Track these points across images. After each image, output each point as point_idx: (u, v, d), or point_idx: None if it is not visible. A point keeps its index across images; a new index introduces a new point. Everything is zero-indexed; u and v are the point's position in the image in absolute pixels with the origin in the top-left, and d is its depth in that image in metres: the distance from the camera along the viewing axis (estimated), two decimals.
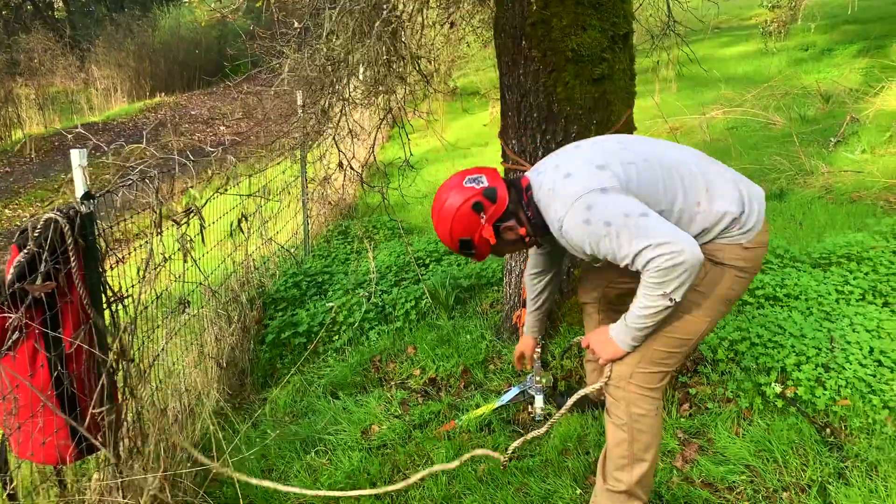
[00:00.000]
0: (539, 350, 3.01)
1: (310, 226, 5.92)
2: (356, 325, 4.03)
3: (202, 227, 2.41)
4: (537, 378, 3.08)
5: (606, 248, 2.01)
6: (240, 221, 3.01)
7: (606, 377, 2.24)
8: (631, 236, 1.95)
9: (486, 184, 2.20)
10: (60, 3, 23.59)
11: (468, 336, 3.71)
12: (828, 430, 2.76)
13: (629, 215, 1.97)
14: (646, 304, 2.03)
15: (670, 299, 1.98)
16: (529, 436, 2.50)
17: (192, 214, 2.42)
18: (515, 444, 2.49)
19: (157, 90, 18.09)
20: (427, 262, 5.03)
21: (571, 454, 2.80)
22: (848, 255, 3.98)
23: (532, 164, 3.28)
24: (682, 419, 2.94)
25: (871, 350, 3.06)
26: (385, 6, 2.78)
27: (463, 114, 12.87)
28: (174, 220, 2.38)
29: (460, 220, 2.19)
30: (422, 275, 4.81)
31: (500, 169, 3.67)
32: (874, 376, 2.92)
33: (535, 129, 3.30)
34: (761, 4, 13.28)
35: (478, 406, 3.14)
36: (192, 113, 15.86)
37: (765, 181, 6.19)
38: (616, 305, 2.62)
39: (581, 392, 2.37)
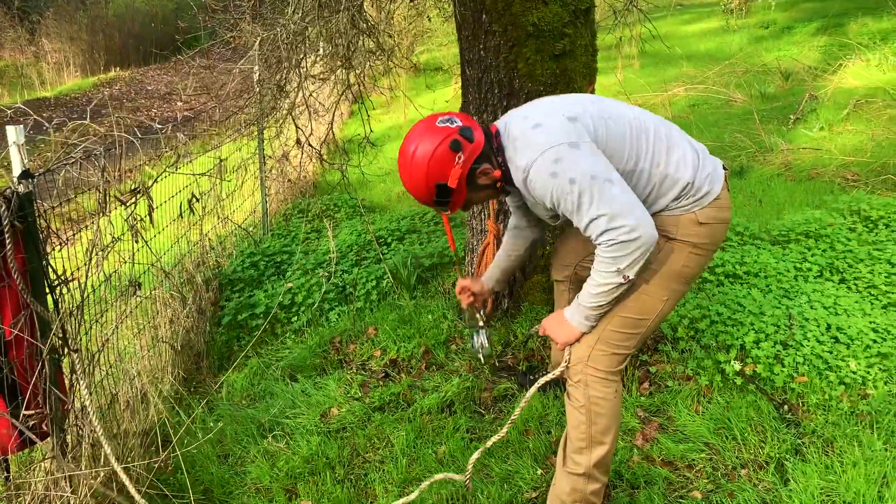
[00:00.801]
0: (486, 307, 2.83)
1: (269, 204, 5.80)
2: (315, 305, 3.95)
3: (151, 208, 2.30)
4: (477, 316, 2.82)
5: (566, 206, 1.97)
6: (190, 202, 2.91)
7: (566, 361, 2.21)
8: (591, 200, 1.91)
9: (460, 123, 2.09)
10: None
11: (430, 316, 3.67)
12: (785, 407, 2.78)
13: (595, 178, 1.91)
14: (599, 281, 2.00)
15: (624, 276, 1.95)
16: (489, 443, 2.37)
17: (139, 195, 2.32)
18: (474, 457, 2.32)
19: (111, 64, 17.57)
20: (389, 240, 4.96)
21: (533, 434, 2.78)
22: (806, 233, 4.02)
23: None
24: (643, 398, 2.94)
25: (829, 327, 3.09)
26: None
27: (426, 90, 12.72)
28: (120, 201, 2.28)
29: (437, 162, 2.05)
30: (383, 254, 4.74)
31: None
32: (831, 353, 2.95)
33: (496, 105, 3.24)
34: None
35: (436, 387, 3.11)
36: (149, 88, 15.44)
37: (726, 158, 6.22)
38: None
39: (542, 380, 2.33)
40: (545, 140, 1.98)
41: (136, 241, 2.78)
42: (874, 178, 5.28)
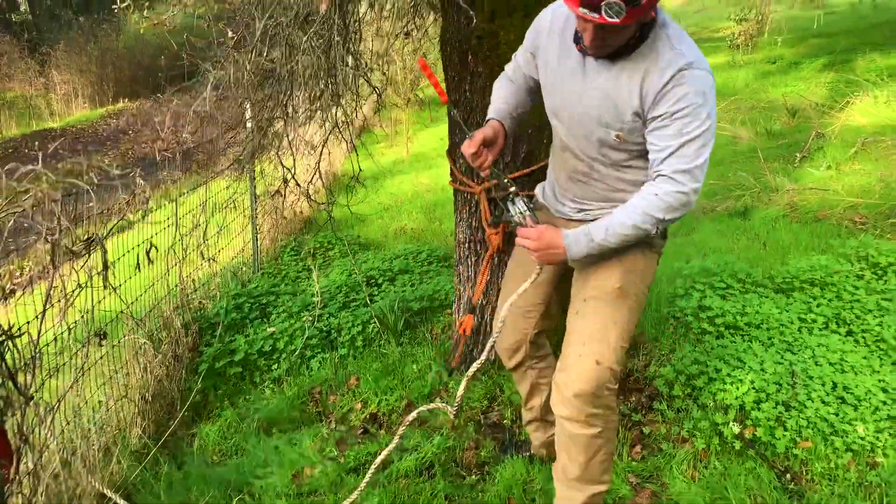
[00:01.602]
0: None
1: (261, 241, 5.67)
2: (297, 353, 3.79)
3: (105, 263, 2.16)
4: (505, 181, 2.29)
5: (680, 126, 1.90)
6: (148, 252, 2.76)
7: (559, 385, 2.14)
8: (701, 148, 1.93)
9: None
10: (25, 6, 23.01)
11: (415, 366, 3.49)
12: (788, 476, 2.59)
13: (713, 136, 1.95)
14: (637, 222, 1.97)
15: (657, 229, 2.00)
16: (470, 372, 2.32)
17: (93, 245, 2.18)
18: (460, 391, 2.33)
19: (120, 95, 17.65)
20: (380, 281, 4.80)
21: (516, 502, 2.59)
22: (811, 280, 3.83)
23: (480, 185, 3.09)
24: (634, 462, 2.75)
25: (834, 386, 2.90)
26: (313, 18, 2.58)
27: (430, 124, 12.68)
28: (72, 253, 2.14)
29: None
30: (373, 295, 4.59)
31: (449, 189, 3.47)
32: (837, 415, 2.75)
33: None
34: (729, 17, 13.25)
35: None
36: (156, 119, 15.46)
37: (729, 198, 6.07)
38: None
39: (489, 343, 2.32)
40: (709, 75, 1.95)
41: (105, 288, 2.64)
42: (883, 220, 5.10)
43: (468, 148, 2.18)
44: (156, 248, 2.74)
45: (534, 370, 2.54)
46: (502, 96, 2.37)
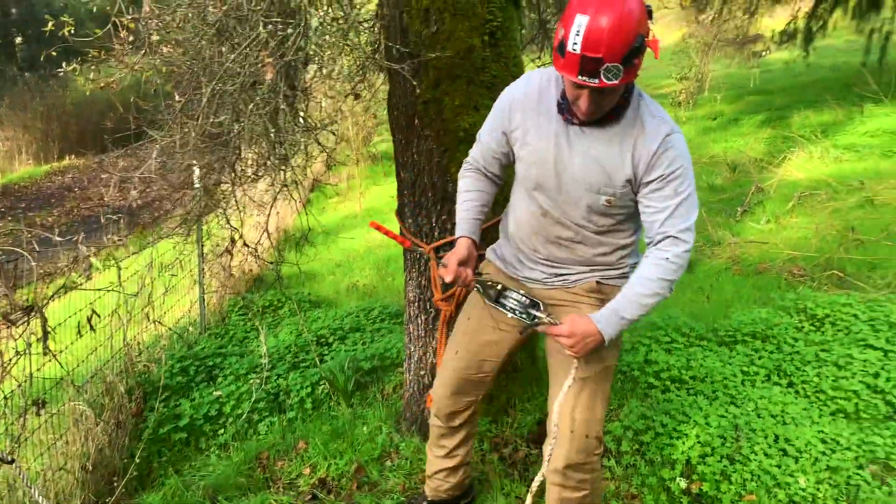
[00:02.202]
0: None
1: (207, 302, 5.59)
2: (244, 416, 3.72)
3: (45, 331, 2.12)
4: (498, 287, 2.28)
5: (675, 186, 2.03)
6: (90, 319, 2.72)
7: (554, 432, 2.20)
8: (692, 206, 2.06)
9: None
10: None
11: (365, 428, 3.46)
12: None
13: (694, 190, 2.09)
14: (656, 290, 2.04)
15: (671, 289, 2.08)
16: (534, 487, 2.27)
17: (32, 313, 2.14)
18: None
19: (66, 152, 17.39)
20: (330, 340, 4.77)
21: None
22: (753, 333, 3.94)
23: (429, 244, 3.13)
24: None
25: (777, 438, 2.96)
26: (260, 85, 2.61)
27: (383, 179, 12.77)
28: (8, 321, 2.09)
29: (642, 13, 1.87)
30: (324, 355, 4.55)
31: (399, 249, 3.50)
32: (779, 467, 2.81)
33: (430, 208, 3.15)
34: (670, 75, 13.79)
35: None
36: (103, 176, 15.25)
37: None
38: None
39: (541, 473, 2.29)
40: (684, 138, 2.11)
41: (45, 355, 2.57)
42: (819, 272, 5.29)
43: (446, 276, 2.23)
44: (98, 314, 2.69)
45: (471, 422, 2.58)
46: (473, 206, 2.40)
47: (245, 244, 4.08)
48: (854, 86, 10.77)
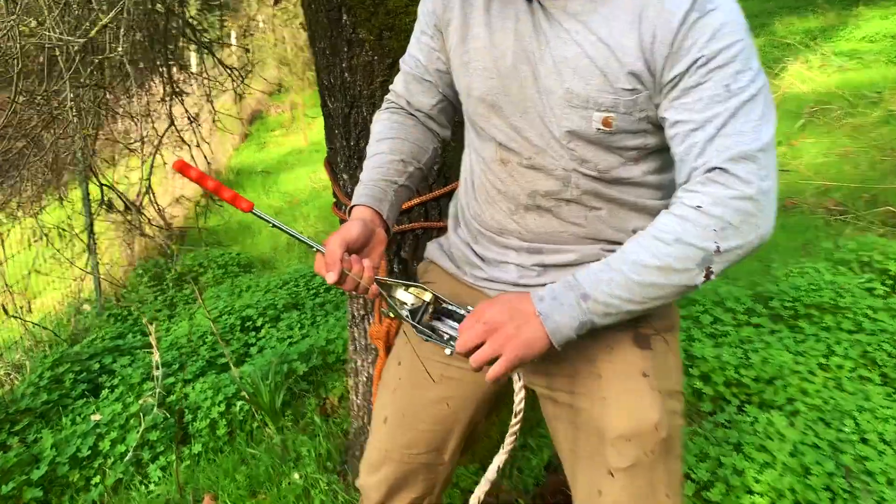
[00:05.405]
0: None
1: (107, 273, 4.43)
2: (129, 456, 2.64)
3: None
4: (403, 299, 1.22)
5: (721, 81, 1.03)
6: None
7: None
8: (760, 117, 1.03)
9: None
10: None
11: (297, 475, 2.41)
12: None
13: (768, 91, 1.07)
14: (663, 259, 1.02)
15: (704, 274, 1.02)
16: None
17: None
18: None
19: None
20: (259, 323, 3.68)
21: None
22: (819, 304, 2.94)
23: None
24: None
25: None
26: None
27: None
28: None
29: None
30: (249, 345, 3.47)
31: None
32: None
33: None
34: None
35: None
36: None
37: None
38: None
39: None
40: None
41: None
42: (863, 208, 4.31)
43: (325, 273, 1.15)
44: None
45: None
46: (384, 161, 1.34)
47: (122, 209, 2.93)
48: None
